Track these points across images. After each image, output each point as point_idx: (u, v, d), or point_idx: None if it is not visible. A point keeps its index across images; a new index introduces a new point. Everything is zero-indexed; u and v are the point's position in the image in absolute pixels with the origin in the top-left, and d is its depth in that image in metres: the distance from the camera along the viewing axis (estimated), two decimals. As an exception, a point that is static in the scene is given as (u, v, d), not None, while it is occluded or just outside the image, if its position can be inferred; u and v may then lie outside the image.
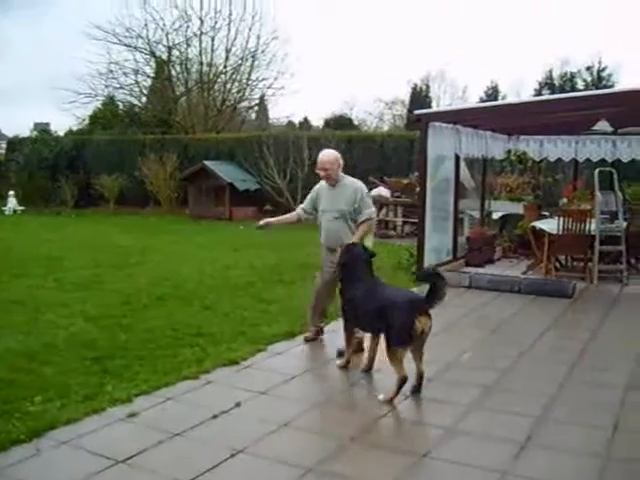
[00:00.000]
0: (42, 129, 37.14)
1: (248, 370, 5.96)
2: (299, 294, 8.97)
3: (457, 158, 11.49)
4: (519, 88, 48.06)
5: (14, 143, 30.12)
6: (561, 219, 10.18)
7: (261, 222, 7.19)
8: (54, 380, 5.47)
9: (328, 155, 6.72)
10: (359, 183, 6.77)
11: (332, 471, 4.07)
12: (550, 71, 42.41)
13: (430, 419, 4.97)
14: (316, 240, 7.06)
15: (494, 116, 11.30)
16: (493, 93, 46.71)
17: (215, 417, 4.81)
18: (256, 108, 38.65)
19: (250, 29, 31.24)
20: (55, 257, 12.46)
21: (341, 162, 6.73)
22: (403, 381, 5.14)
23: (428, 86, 52.65)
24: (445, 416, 4.95)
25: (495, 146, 12.42)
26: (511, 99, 36.51)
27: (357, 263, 5.83)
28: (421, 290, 5.69)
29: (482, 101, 41.14)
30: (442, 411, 5.10)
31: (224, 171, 21.98)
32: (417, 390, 5.34)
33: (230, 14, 30.93)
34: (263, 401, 5.22)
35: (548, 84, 41.78)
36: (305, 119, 46.52)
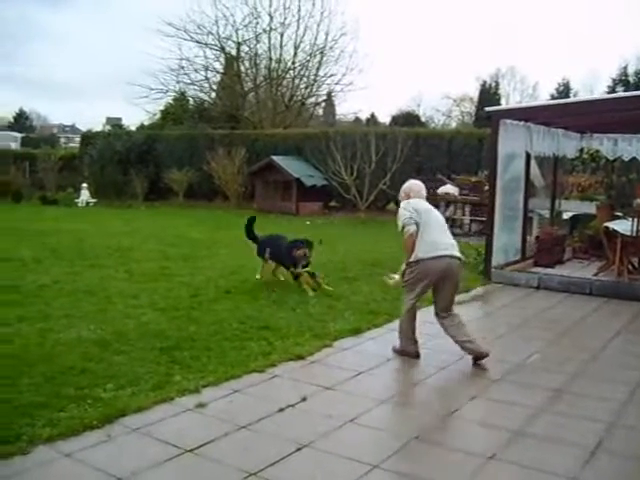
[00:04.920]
0: (114, 123, 38.04)
1: (314, 365, 5.99)
2: (364, 291, 8.96)
3: (528, 156, 11.28)
4: (592, 85, 47.00)
5: (88, 137, 30.97)
6: (635, 220, 9.88)
7: (394, 280, 6.60)
8: (125, 369, 5.60)
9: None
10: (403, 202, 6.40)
11: (397, 469, 4.05)
12: (625, 67, 41.29)
13: (497, 421, 4.89)
14: (379, 237, 7.01)
15: (566, 114, 11.04)
16: (564, 90, 45.77)
17: (281, 410, 4.85)
18: (323, 104, 38.77)
19: (319, 25, 31.43)
20: (125, 248, 12.75)
21: (408, 193, 6.51)
22: None
23: (497, 83, 51.99)
24: (512, 418, 4.87)
25: (567, 144, 12.13)
26: (583, 96, 35.69)
27: None
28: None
29: (553, 98, 40.36)
30: (509, 413, 5.02)
31: (291, 166, 22.12)
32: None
33: (299, 10, 31.19)
34: (329, 396, 5.23)
35: (622, 81, 40.67)
36: (372, 115, 46.51)
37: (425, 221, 6.09)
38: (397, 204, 6.76)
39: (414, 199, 6.32)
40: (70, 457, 4.07)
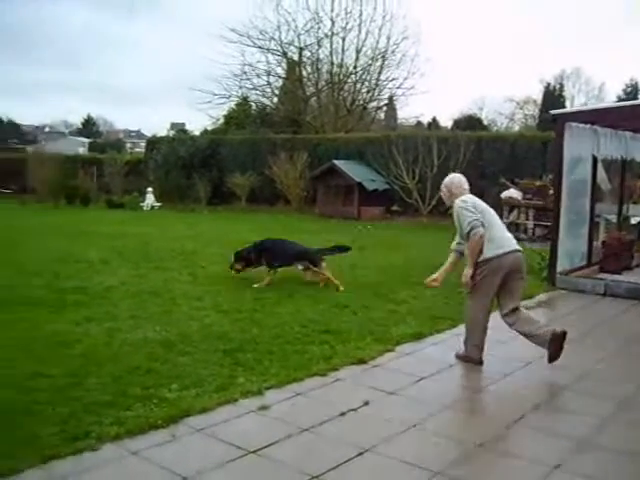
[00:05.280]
0: (179, 129, 38.69)
1: (376, 370, 5.97)
2: (426, 295, 8.88)
3: (594, 160, 11.04)
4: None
5: (153, 142, 31.57)
6: None
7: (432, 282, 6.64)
8: (189, 370, 5.69)
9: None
10: (457, 199, 6.24)
11: (459, 477, 4.00)
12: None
13: (562, 429, 4.78)
14: (441, 242, 6.96)
15: (635, 116, 10.74)
16: (633, 91, 44.62)
17: (343, 415, 4.85)
18: (385, 108, 38.67)
19: (380, 29, 31.39)
20: (189, 252, 12.96)
21: (450, 188, 6.44)
22: None
23: (562, 85, 50.98)
24: (578, 427, 4.77)
25: (636, 147, 11.81)
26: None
27: None
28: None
29: (620, 100, 39.35)
30: (575, 422, 4.91)
31: (353, 170, 22.12)
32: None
33: (361, 15, 31.22)
34: (391, 401, 5.21)
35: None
36: (434, 119, 46.22)
37: (488, 219, 6.03)
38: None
39: (467, 196, 6.21)
40: (137, 455, 4.15)
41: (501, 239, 6.03)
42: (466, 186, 6.38)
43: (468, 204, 6.06)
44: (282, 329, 7.06)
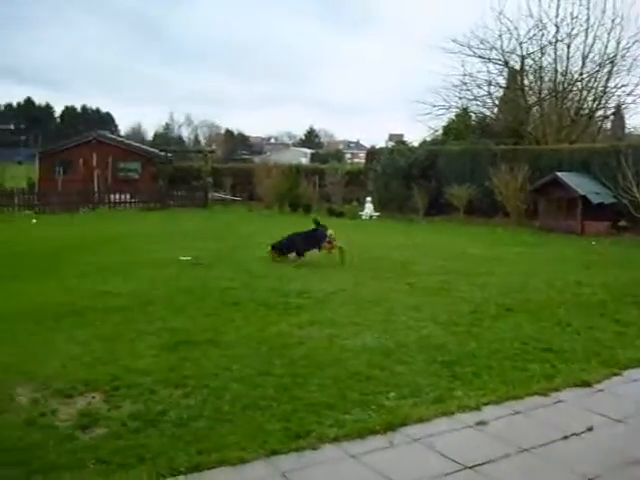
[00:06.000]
0: (397, 139, 39.18)
1: (601, 394, 5.64)
2: (658, 318, 8.25)
3: None
4: None
5: (372, 153, 32.26)
6: None
7: None
8: (406, 379, 5.74)
9: None
10: None
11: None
12: None
13: None
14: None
15: None
16: None
17: (566, 438, 4.64)
18: (612, 117, 36.47)
19: (609, 33, 29.60)
20: (407, 262, 13.02)
21: None
22: None
23: None
24: None
25: None
26: None
27: None
28: None
29: None
30: None
31: (577, 183, 21.07)
32: None
33: (588, 19, 29.66)
34: (618, 429, 4.89)
35: None
36: (669, 128, 42.73)
37: None
38: None
39: None
40: (355, 458, 4.27)
41: None
42: None
43: None
44: (501, 344, 6.89)
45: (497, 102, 33.59)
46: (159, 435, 4.52)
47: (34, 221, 22.15)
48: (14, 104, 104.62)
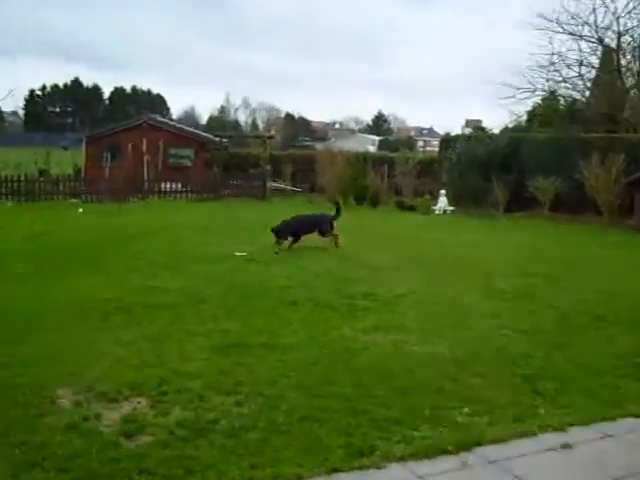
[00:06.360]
0: (475, 126, 38.69)
1: None
2: None
3: None
4: None
5: (447, 140, 31.78)
6: None
7: None
8: (482, 393, 5.67)
9: None
10: None
11: None
12: None
13: None
14: None
15: None
16: None
17: (663, 467, 4.50)
18: None
19: None
20: (486, 262, 12.78)
21: None
22: None
23: None
24: None
25: None
26: None
27: None
28: None
29: None
30: None
31: (681, 176, 20.46)
32: None
33: None
34: None
35: None
36: None
37: None
38: None
39: None
40: (423, 480, 4.22)
41: None
42: None
43: None
44: (590, 358, 6.75)
45: (589, 85, 32.85)
46: (209, 446, 4.56)
47: (80, 210, 22.62)
48: (60, 85, 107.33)
